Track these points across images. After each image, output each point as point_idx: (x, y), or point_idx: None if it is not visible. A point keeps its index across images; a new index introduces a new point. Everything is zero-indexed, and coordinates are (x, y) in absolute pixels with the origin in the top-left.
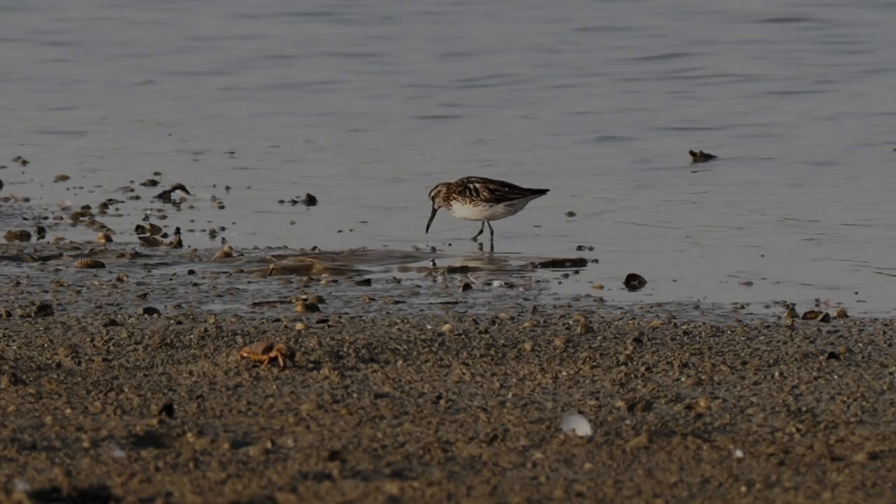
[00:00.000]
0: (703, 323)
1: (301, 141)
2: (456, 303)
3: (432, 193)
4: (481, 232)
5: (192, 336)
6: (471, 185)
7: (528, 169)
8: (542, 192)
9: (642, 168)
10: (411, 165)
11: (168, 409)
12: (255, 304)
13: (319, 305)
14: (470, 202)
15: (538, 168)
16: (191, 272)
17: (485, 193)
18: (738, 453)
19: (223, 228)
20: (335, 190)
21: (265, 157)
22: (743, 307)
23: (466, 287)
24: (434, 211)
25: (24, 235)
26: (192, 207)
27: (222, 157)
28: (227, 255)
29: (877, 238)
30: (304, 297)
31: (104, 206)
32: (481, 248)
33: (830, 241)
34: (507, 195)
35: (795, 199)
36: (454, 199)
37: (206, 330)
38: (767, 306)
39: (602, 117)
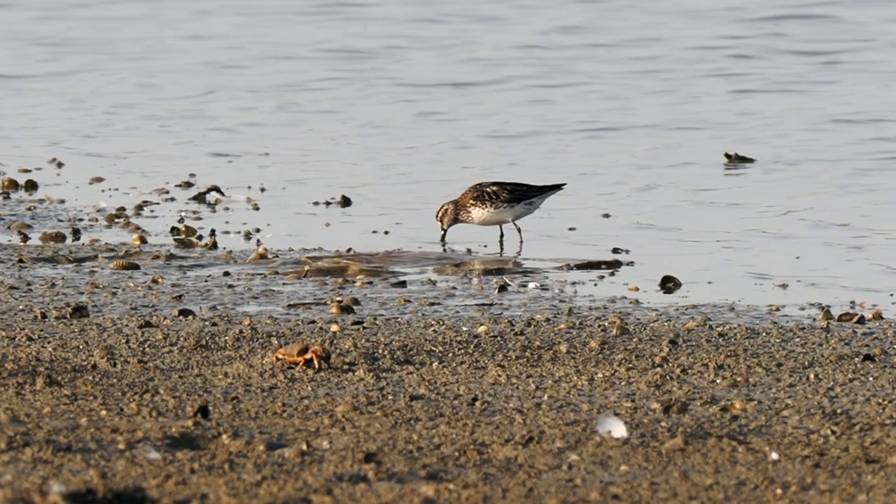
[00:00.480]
0: (739, 325)
1: (336, 142)
2: (491, 304)
3: (439, 215)
4: (502, 235)
5: (227, 338)
6: (487, 190)
7: (564, 170)
8: (559, 187)
9: (677, 170)
10: (447, 167)
11: (203, 411)
12: (290, 306)
13: (354, 307)
14: (490, 206)
15: (575, 168)
16: (226, 274)
17: (504, 195)
18: (774, 455)
19: (258, 230)
20: (370, 191)
21: (300, 159)
22: (778, 309)
23: (502, 289)
24: (444, 232)
25: (60, 237)
26: (226, 209)
27: (257, 159)
28: (262, 256)
29: None
30: (339, 298)
31: (139, 207)
32: (501, 252)
33: (866, 243)
34: (525, 194)
35: (830, 202)
36: (472, 206)
37: (241, 332)
38: (802, 308)
39: (635, 118)
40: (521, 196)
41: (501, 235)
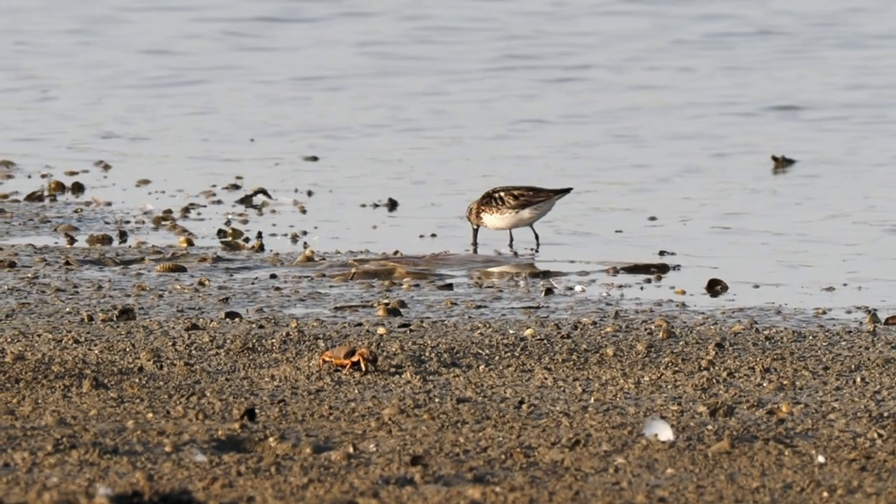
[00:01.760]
0: (785, 328)
1: (382, 144)
2: (538, 307)
3: (468, 215)
4: (512, 240)
5: (273, 340)
6: (495, 195)
7: (612, 173)
8: (566, 191)
9: (724, 173)
10: (496, 169)
11: (250, 414)
12: (336, 309)
13: (401, 310)
14: (497, 211)
15: (622, 172)
16: (273, 276)
17: (510, 201)
18: (820, 458)
19: (305, 232)
20: (417, 194)
21: (346, 161)
22: (824, 312)
23: (548, 292)
24: (475, 230)
25: (106, 239)
26: (273, 212)
27: (304, 162)
28: (309, 259)
29: None
30: (386, 301)
31: (186, 210)
32: (515, 255)
33: None
34: (531, 199)
35: (876, 204)
36: (483, 212)
37: (287, 334)
38: (849, 312)
39: (683, 120)
40: (526, 202)
41: (511, 240)
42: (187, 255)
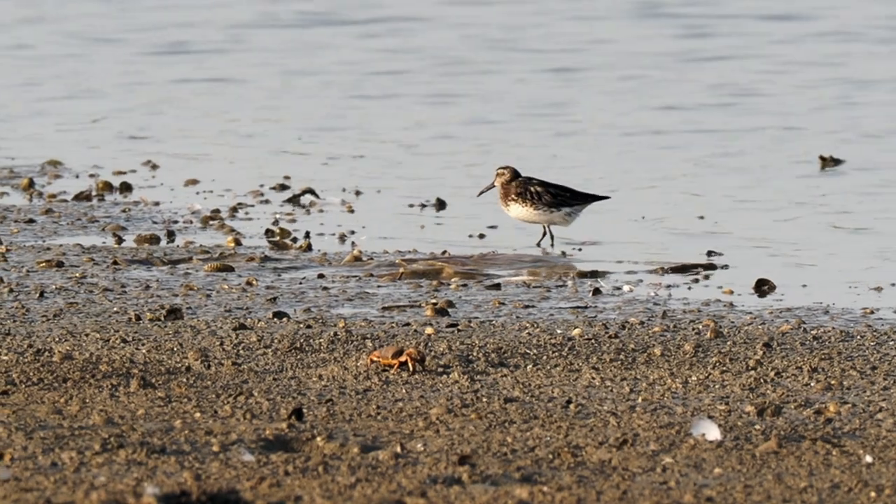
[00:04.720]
0: (833, 328)
1: (432, 145)
2: (586, 307)
3: (496, 180)
4: (544, 236)
5: (321, 340)
6: (531, 188)
7: (658, 171)
8: (603, 198)
9: (772, 172)
10: (543, 171)
11: (297, 414)
12: (384, 309)
13: (449, 309)
14: (530, 205)
15: (669, 171)
16: (320, 276)
17: (546, 198)
18: (868, 458)
19: (353, 232)
20: (465, 194)
21: (395, 161)
22: (872, 312)
23: (596, 292)
24: (488, 187)
25: (154, 239)
26: (321, 211)
27: (352, 161)
28: (357, 258)
29: None
30: (433, 301)
31: (234, 209)
32: (545, 253)
33: None
34: (567, 201)
35: None
36: (512, 200)
37: (335, 334)
38: None
39: (734, 119)
40: (562, 202)
41: (543, 235)
42: (235, 254)
